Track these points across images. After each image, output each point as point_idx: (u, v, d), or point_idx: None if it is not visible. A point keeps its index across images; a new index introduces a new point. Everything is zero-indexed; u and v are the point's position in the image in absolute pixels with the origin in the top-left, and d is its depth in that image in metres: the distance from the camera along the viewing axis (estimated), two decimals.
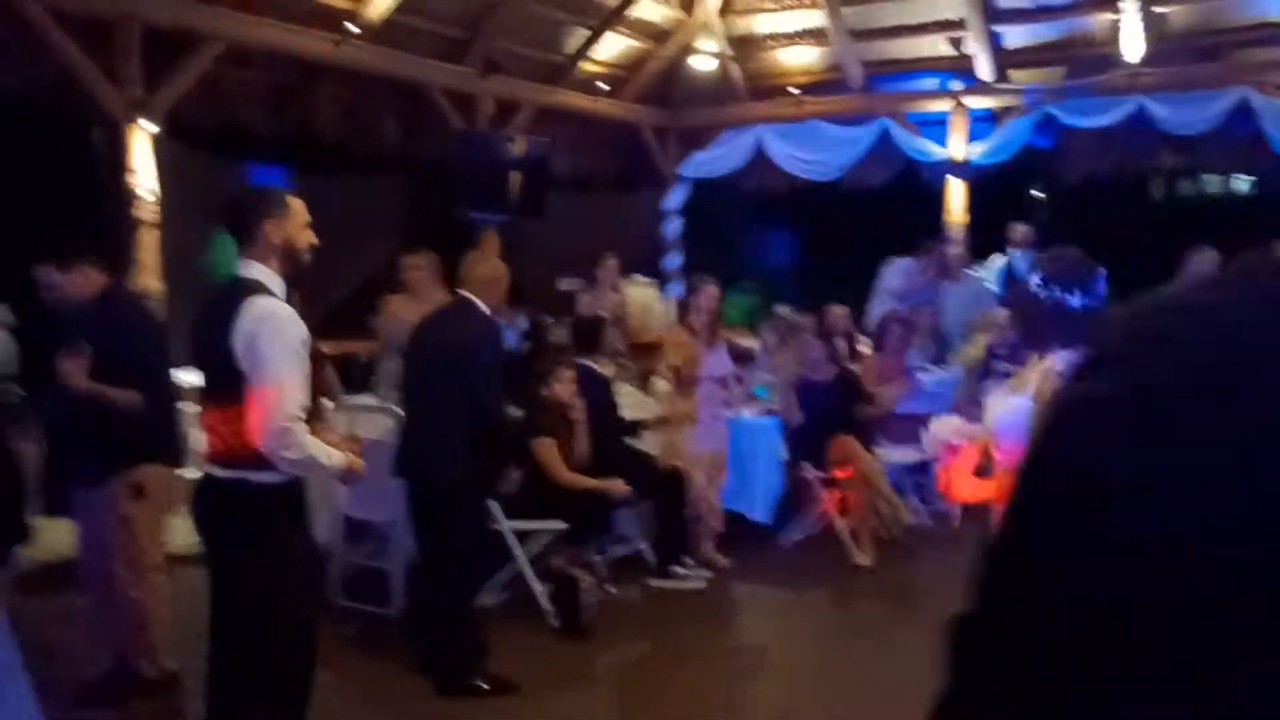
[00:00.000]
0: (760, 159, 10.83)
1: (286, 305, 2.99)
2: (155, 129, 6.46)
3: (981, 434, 2.65)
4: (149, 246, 6.62)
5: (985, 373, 7.48)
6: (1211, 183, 15.99)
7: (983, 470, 2.67)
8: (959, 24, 9.74)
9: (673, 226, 11.32)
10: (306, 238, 3.12)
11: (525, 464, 5.11)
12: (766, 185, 11.15)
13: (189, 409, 4.05)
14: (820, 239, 11.53)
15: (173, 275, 6.59)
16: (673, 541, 5.47)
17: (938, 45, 10.16)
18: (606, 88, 10.22)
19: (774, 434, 6.13)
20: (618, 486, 5.16)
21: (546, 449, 5.11)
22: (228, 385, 2.90)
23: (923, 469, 6.72)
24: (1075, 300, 2.55)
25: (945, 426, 2.63)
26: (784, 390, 6.14)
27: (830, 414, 6.02)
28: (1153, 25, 9.02)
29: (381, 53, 7.95)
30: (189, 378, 6.20)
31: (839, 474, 5.91)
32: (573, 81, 9.94)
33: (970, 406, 7.28)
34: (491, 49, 8.86)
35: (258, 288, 2.95)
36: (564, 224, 9.52)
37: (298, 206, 3.10)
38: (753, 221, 11.79)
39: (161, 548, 4.11)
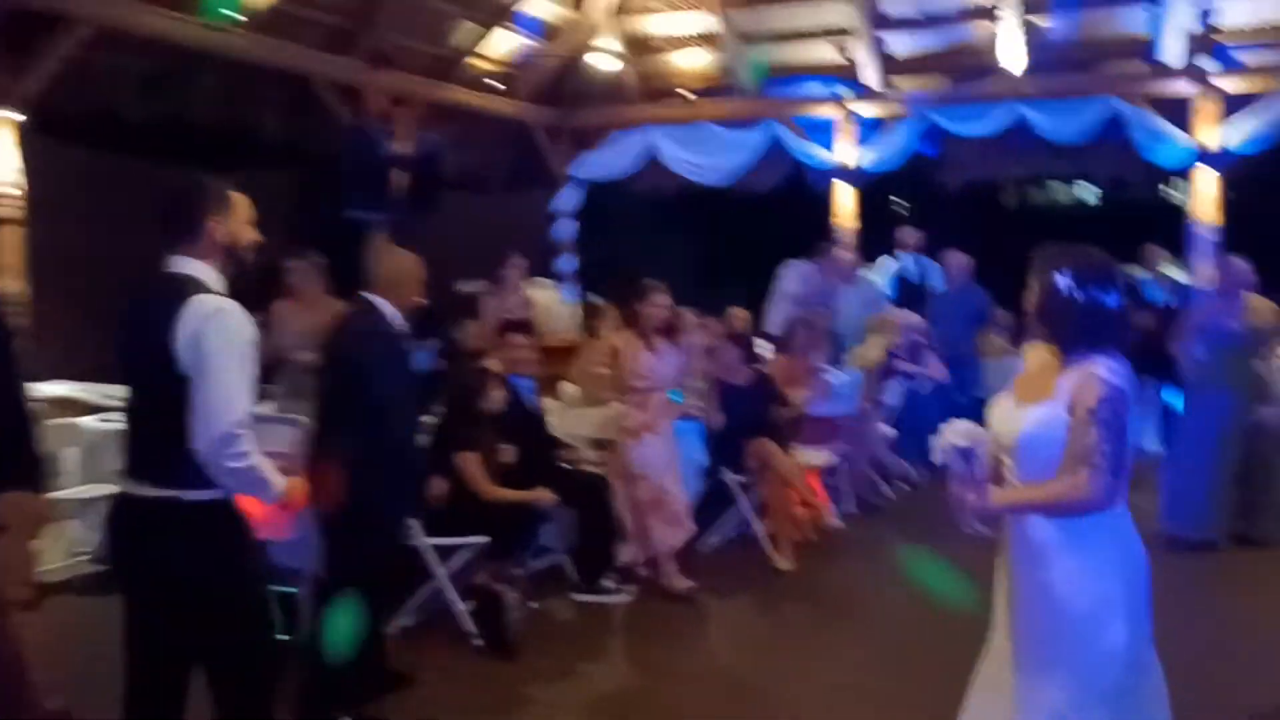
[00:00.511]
0: (652, 161, 10.78)
1: (234, 302, 2.73)
2: (18, 117, 5.91)
3: (990, 439, 2.56)
4: (10, 246, 6.06)
5: (885, 373, 7.63)
6: (1062, 190, 16.92)
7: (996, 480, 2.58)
8: (846, 31, 9.92)
9: (565, 228, 11.15)
10: (250, 235, 2.87)
11: (448, 477, 4.86)
12: (659, 188, 11.11)
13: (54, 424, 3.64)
14: (713, 242, 11.57)
15: (38, 277, 6.05)
16: (597, 554, 5.30)
17: (826, 52, 10.31)
18: (501, 86, 9.98)
19: (694, 438, 6.05)
20: (545, 497, 4.97)
21: (470, 463, 4.88)
22: (164, 391, 2.63)
23: (831, 472, 6.76)
24: (1112, 300, 2.49)
25: (955, 431, 2.51)
26: (706, 393, 6.07)
27: (748, 417, 5.98)
28: (1031, 37, 9.38)
29: (264, 41, 7.51)
30: (51, 390, 5.73)
31: (760, 477, 5.87)
32: (463, 78, 9.66)
33: (874, 407, 7.42)
34: (380, 41, 8.51)
35: (197, 285, 2.69)
36: (454, 224, 9.23)
37: (240, 202, 2.86)
38: (646, 224, 11.73)
39: (27, 581, 3.70)
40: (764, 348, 7.62)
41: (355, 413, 3.89)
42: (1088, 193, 16.32)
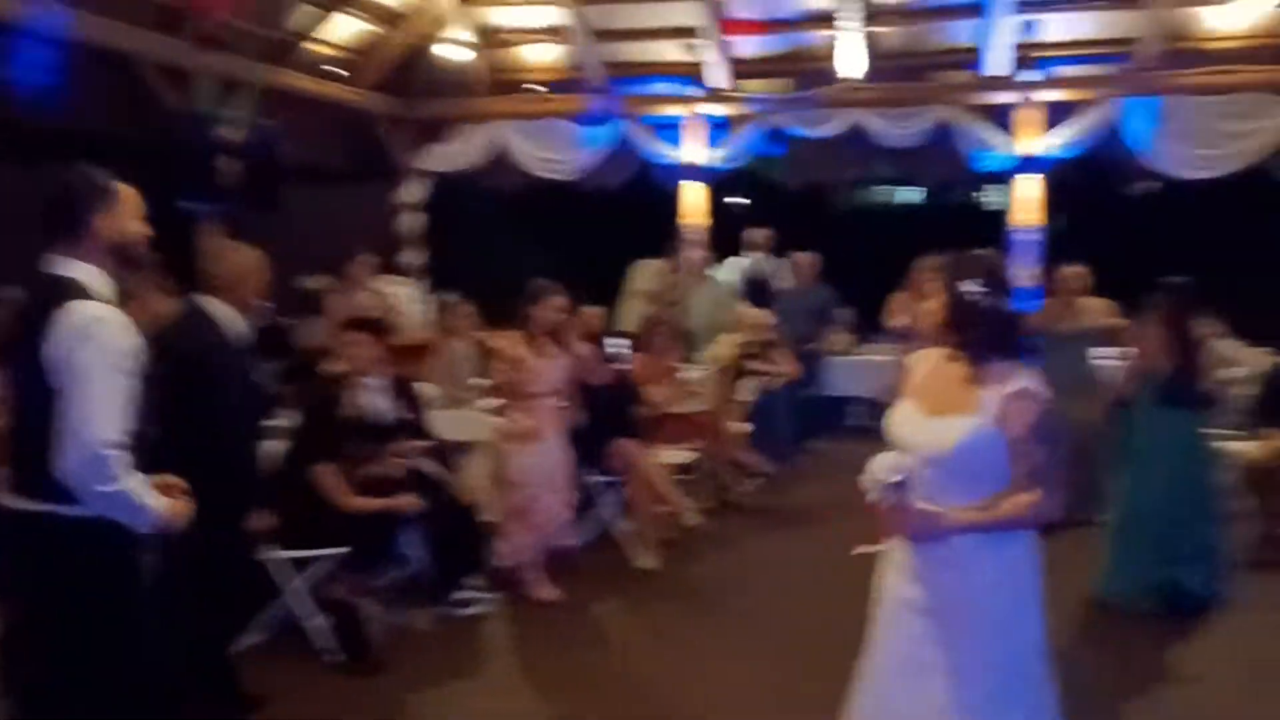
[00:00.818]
0: (501, 156, 10.61)
1: (116, 311, 2.48)
2: None
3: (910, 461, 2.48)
4: None
5: (738, 372, 7.74)
6: (888, 192, 17.66)
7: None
8: (694, 31, 10.02)
9: (411, 222, 10.82)
10: (139, 231, 2.63)
11: (299, 488, 4.60)
12: (508, 182, 10.93)
13: None
14: (562, 239, 11.47)
15: None
16: (460, 562, 5.13)
17: (675, 51, 10.39)
18: (344, 72, 9.57)
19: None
20: (407, 504, 4.78)
21: (326, 475, 4.63)
22: (40, 402, 2.43)
23: (689, 470, 6.80)
24: (1012, 306, 2.52)
25: (883, 466, 2.42)
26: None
27: (610, 417, 5.94)
28: (868, 45, 9.72)
29: (80, 15, 6.92)
30: None
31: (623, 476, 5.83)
32: (301, 63, 9.21)
33: (726, 405, 7.51)
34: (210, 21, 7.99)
35: (78, 290, 2.44)
36: (292, 217, 8.80)
37: (128, 195, 2.61)
38: (495, 219, 11.52)
39: None
40: (617, 346, 7.59)
41: (185, 426, 3.60)
42: (915, 196, 17.05)
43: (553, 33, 10.39)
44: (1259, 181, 9.14)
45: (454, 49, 9.90)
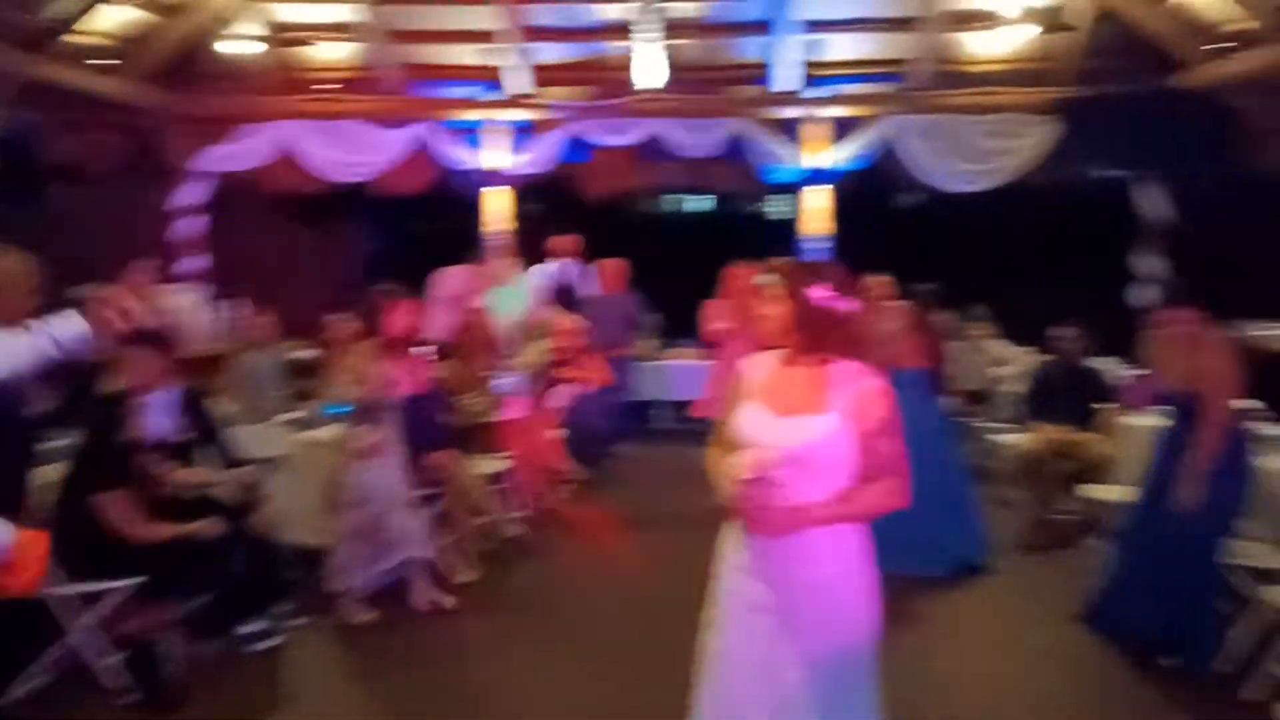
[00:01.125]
0: (290, 156, 10.12)
1: None
2: None
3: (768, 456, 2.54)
4: None
5: (549, 380, 7.72)
6: (677, 201, 18.14)
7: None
8: (494, 35, 9.93)
9: (190, 225, 10.14)
10: None
11: (83, 516, 4.20)
12: (297, 185, 10.43)
13: None
14: (359, 244, 11.08)
15: None
16: (266, 588, 4.83)
17: (474, 54, 10.26)
18: (117, 63, 8.85)
19: None
20: (206, 527, 4.46)
21: (113, 504, 4.25)
22: None
23: (502, 478, 6.71)
24: (852, 310, 2.64)
25: (744, 464, 2.48)
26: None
27: (424, 428, 5.77)
28: (665, 57, 9.94)
29: None
30: None
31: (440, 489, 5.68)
32: (64, 53, 8.45)
33: (541, 411, 7.48)
34: None
35: None
36: (58, 219, 8.08)
37: None
38: (284, 223, 10.96)
39: None
40: (422, 353, 7.40)
41: None
42: (704, 205, 17.57)
43: (346, 30, 10.03)
44: (1020, 195, 10.00)
45: (237, 43, 9.37)
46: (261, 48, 9.59)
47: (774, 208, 16.75)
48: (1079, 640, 4.69)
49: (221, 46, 9.40)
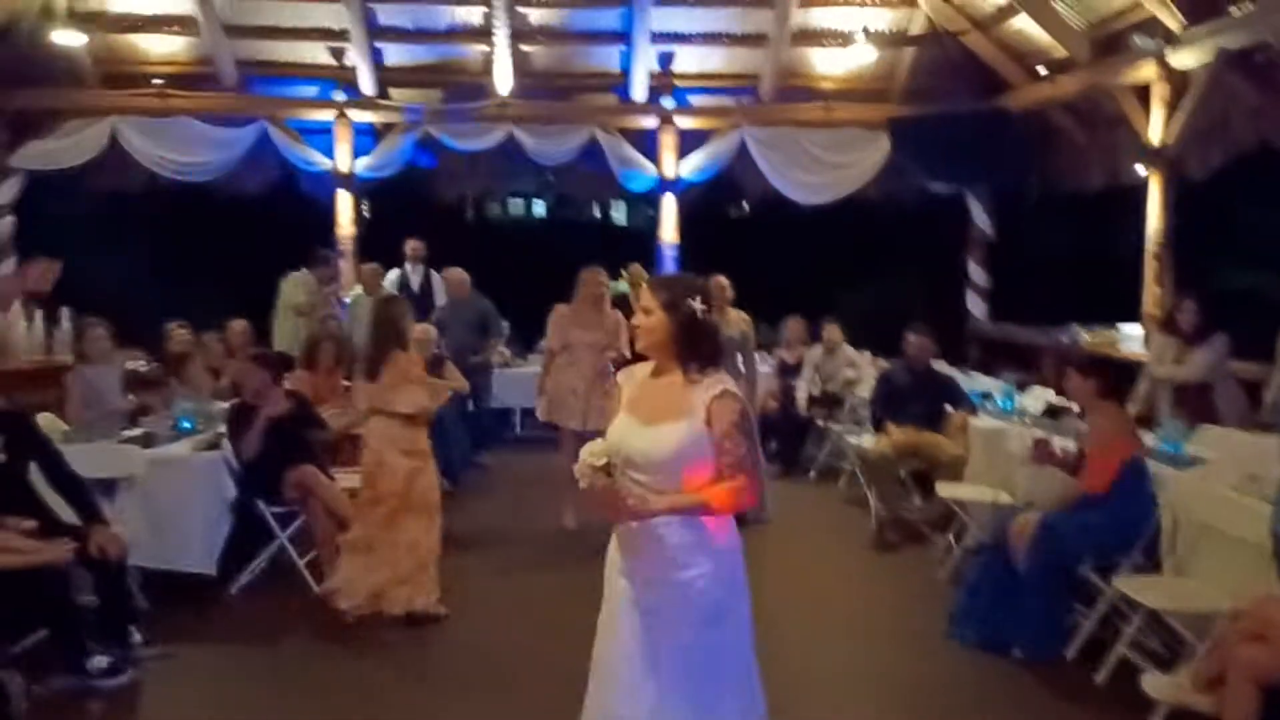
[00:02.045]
0: (117, 154, 9.51)
1: None
2: None
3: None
4: None
5: None
6: (521, 206, 18.08)
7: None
8: (341, 34, 9.63)
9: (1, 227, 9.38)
10: None
11: None
12: (123, 184, 9.81)
13: None
14: (193, 247, 10.49)
15: None
16: (109, 621, 4.47)
17: (320, 53, 9.91)
18: None
19: (218, 471, 5.40)
20: (57, 555, 4.11)
21: None
22: None
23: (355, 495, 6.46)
24: (717, 325, 2.78)
25: (593, 452, 2.57)
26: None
27: (284, 442, 5.51)
28: (519, 62, 9.89)
29: None
30: None
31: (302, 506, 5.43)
32: None
33: None
34: None
35: None
36: None
37: None
38: (109, 224, 10.26)
39: None
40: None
41: None
42: (561, 211, 17.50)
43: (176, 22, 9.50)
44: (860, 207, 10.46)
45: (57, 33, 8.71)
46: (84, 37, 8.95)
47: (620, 214, 16.96)
48: (933, 635, 4.89)
49: (37, 35, 8.73)
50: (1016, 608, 4.49)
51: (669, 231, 10.34)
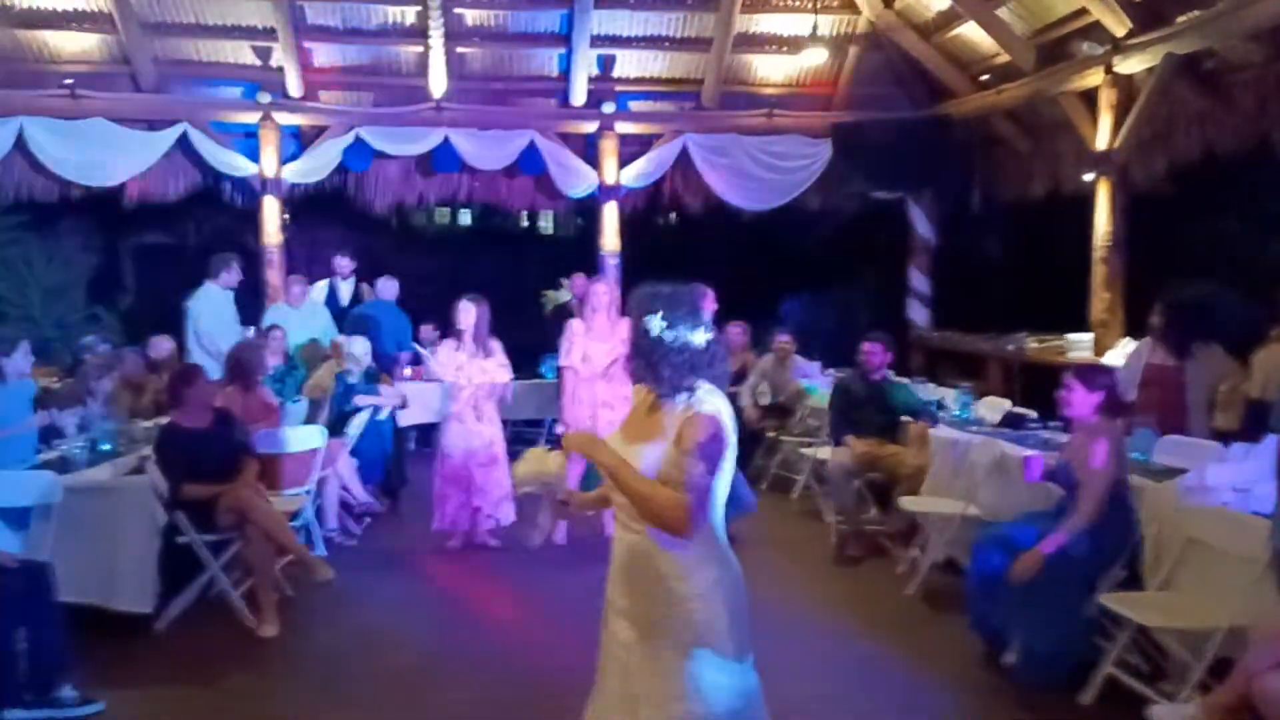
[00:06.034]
0: (22, 157, 8.94)
1: None
2: None
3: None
4: None
5: (345, 400, 7.12)
6: (443, 213, 17.65)
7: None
8: (268, 33, 9.20)
9: None
10: None
11: None
12: (30, 189, 9.23)
13: None
14: (107, 255, 9.93)
15: None
16: (51, 657, 4.08)
17: (245, 53, 9.47)
18: None
19: (144, 496, 4.98)
20: None
21: None
22: None
23: (298, 515, 6.09)
24: (699, 339, 2.56)
25: (528, 462, 2.74)
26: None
27: (214, 464, 5.12)
28: (454, 64, 9.58)
29: None
30: None
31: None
32: None
33: (336, 440, 6.88)
34: None
35: None
36: None
37: None
38: (12, 230, 9.66)
39: None
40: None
41: None
42: (496, 219, 17.08)
43: (89, 18, 8.97)
44: (803, 214, 10.37)
45: None
46: None
47: (547, 223, 16.63)
48: (897, 647, 4.73)
49: None
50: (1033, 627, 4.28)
51: (611, 239, 10.10)
